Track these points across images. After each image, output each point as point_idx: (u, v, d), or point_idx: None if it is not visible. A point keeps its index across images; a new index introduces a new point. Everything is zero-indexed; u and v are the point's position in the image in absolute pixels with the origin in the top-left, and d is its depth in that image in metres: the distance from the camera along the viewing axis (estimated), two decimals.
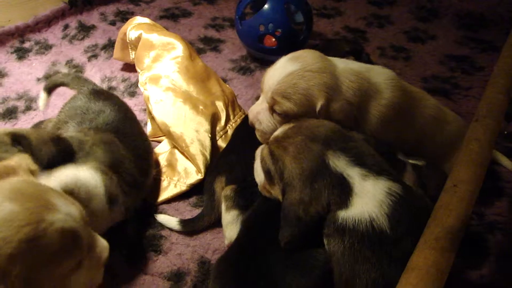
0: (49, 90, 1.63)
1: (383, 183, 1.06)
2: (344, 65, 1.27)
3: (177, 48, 1.82)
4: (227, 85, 1.88)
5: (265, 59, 2.10)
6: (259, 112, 1.29)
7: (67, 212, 0.91)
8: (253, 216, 1.24)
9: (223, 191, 1.37)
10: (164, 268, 1.32)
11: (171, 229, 1.41)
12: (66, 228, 0.88)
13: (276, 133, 1.17)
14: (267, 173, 1.15)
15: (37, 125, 1.61)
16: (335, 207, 1.05)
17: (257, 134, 1.32)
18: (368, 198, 1.04)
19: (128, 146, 1.38)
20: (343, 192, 1.05)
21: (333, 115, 1.21)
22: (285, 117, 1.23)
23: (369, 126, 1.28)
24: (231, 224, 1.32)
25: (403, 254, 0.99)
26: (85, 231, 0.94)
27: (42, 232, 0.85)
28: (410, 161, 1.27)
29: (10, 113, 1.81)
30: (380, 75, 1.30)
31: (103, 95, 1.50)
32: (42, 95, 1.62)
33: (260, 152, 1.20)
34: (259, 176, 1.21)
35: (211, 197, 1.41)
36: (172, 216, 1.44)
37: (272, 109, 1.25)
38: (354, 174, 1.06)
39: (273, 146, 1.13)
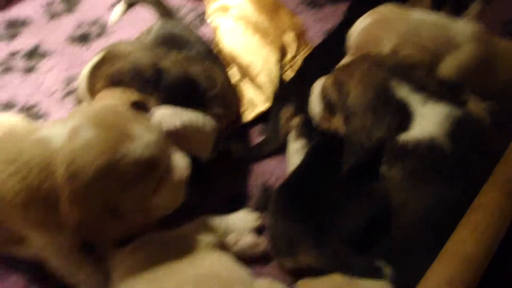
0: (130, 4, 1.71)
1: (443, 107, 1.07)
2: (420, 16, 1.27)
3: None
4: (298, 17, 1.85)
5: None
6: None
7: (144, 141, 0.93)
8: (315, 146, 1.27)
9: (293, 120, 1.38)
10: (226, 189, 1.37)
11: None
12: (141, 157, 0.92)
13: (342, 61, 1.18)
14: (327, 103, 1.16)
15: None
16: (396, 132, 1.06)
17: None
18: (428, 120, 1.06)
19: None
20: (404, 117, 1.07)
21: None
22: None
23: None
24: (297, 152, 1.34)
25: (463, 175, 1.02)
26: (163, 154, 0.97)
27: (118, 162, 0.90)
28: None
29: (84, 39, 1.87)
30: (460, 28, 1.27)
31: (185, 26, 1.55)
32: (120, 7, 1.71)
33: (320, 83, 1.21)
34: (315, 108, 1.22)
35: (276, 123, 1.43)
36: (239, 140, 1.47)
37: None
38: (415, 100, 1.07)
39: (338, 73, 1.14)
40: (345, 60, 1.18)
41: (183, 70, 1.24)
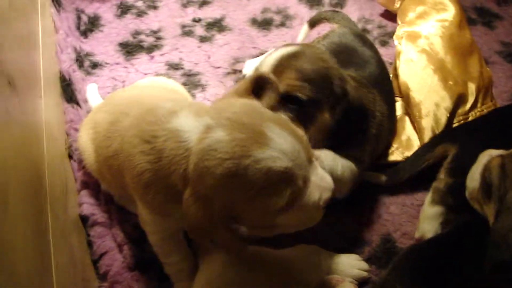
0: (313, 24, 1.68)
1: None
2: None
3: (449, 11, 1.65)
4: (488, 68, 1.65)
5: None
6: None
7: (280, 149, 0.82)
8: (461, 226, 1.12)
9: (434, 182, 1.24)
10: (346, 231, 1.28)
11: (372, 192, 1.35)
12: (274, 167, 0.81)
13: None
14: (486, 185, 1.01)
15: None
16: None
17: None
18: None
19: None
20: None
21: None
22: None
23: None
24: (430, 219, 1.20)
25: None
26: (302, 169, 0.85)
27: (245, 169, 0.80)
28: None
29: (265, 24, 1.89)
30: None
31: (367, 41, 1.46)
32: (305, 27, 1.69)
33: (486, 159, 1.06)
34: (473, 182, 1.08)
35: (420, 156, 1.33)
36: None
37: None
38: None
39: (508, 161, 0.98)
40: None
41: (361, 101, 1.17)
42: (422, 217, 1.23)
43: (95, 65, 1.68)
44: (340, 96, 1.11)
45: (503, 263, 0.92)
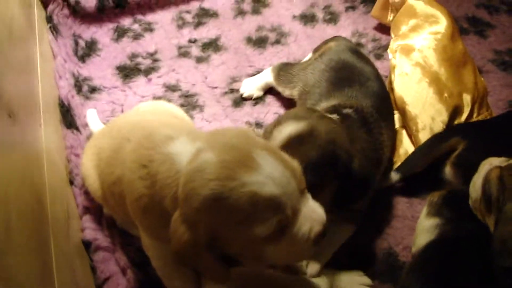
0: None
1: None
2: None
3: (441, 24, 1.67)
4: (482, 78, 1.67)
5: None
6: None
7: (269, 175, 0.80)
8: (463, 235, 1.12)
9: (429, 195, 1.25)
10: (348, 243, 1.27)
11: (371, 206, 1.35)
12: (260, 193, 0.78)
13: None
14: (486, 196, 1.03)
15: (285, 66, 1.64)
16: None
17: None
18: None
19: (377, 131, 1.29)
20: None
21: None
22: None
23: None
24: (426, 232, 1.20)
25: None
26: (291, 198, 0.82)
27: (229, 192, 0.78)
28: None
29: (260, 42, 1.91)
30: None
31: (364, 57, 1.48)
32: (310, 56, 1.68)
33: (486, 169, 1.08)
34: (475, 192, 1.10)
35: (435, 145, 1.36)
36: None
37: None
38: None
39: (506, 173, 1.00)
40: None
41: (366, 171, 1.16)
42: (419, 231, 1.23)
43: (93, 90, 1.70)
44: (344, 175, 1.10)
45: (509, 269, 0.94)
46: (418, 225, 1.25)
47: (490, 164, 1.11)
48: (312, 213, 0.87)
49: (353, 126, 1.20)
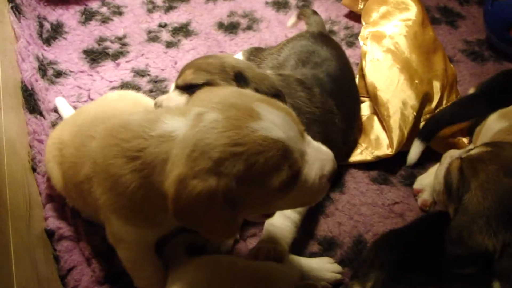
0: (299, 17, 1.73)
1: None
2: None
3: (411, 10, 1.67)
4: (452, 65, 1.68)
5: (505, 51, 1.82)
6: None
7: (272, 121, 0.83)
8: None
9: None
10: (319, 230, 1.27)
11: (342, 193, 1.36)
12: (270, 136, 0.81)
13: (472, 152, 1.05)
14: (448, 186, 1.05)
15: (256, 51, 1.62)
16: None
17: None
18: None
19: (339, 106, 1.32)
20: None
21: None
22: None
23: None
24: None
25: None
26: (297, 142, 0.85)
27: (245, 138, 0.80)
28: None
29: (232, 28, 1.88)
30: None
31: (331, 42, 1.47)
32: (293, 19, 1.74)
33: (448, 161, 1.11)
34: (438, 184, 1.13)
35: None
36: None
37: None
38: None
39: (465, 163, 1.02)
40: (476, 151, 1.03)
41: (268, 82, 1.18)
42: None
43: (59, 74, 1.64)
44: (238, 77, 1.13)
45: (458, 257, 0.96)
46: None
47: (451, 156, 1.14)
48: (318, 152, 0.89)
49: (290, 84, 1.25)
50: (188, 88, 1.15)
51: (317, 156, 0.89)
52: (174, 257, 1.08)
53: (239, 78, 1.13)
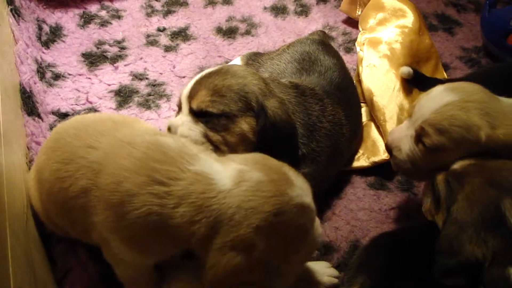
0: None
1: None
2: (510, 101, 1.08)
3: (408, 18, 1.69)
4: (445, 74, 1.70)
5: (502, 58, 1.83)
6: (401, 139, 1.14)
7: (301, 187, 0.88)
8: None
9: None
10: None
11: (339, 198, 1.36)
12: (302, 203, 0.86)
13: (455, 166, 1.05)
14: (436, 197, 1.07)
15: (255, 56, 1.63)
16: (505, 261, 0.91)
17: (392, 162, 1.18)
18: None
19: (347, 116, 1.34)
20: None
21: (499, 145, 1.03)
22: (432, 152, 1.07)
23: None
24: None
25: None
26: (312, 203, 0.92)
27: (286, 206, 0.83)
28: None
29: (230, 33, 1.89)
30: None
31: (331, 50, 1.48)
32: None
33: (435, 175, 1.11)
34: (427, 198, 1.12)
35: None
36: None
37: (418, 139, 1.09)
38: None
39: (451, 176, 1.04)
40: (460, 164, 1.03)
41: (285, 117, 1.14)
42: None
43: (57, 76, 1.64)
44: (258, 110, 1.11)
45: (449, 268, 0.95)
46: None
47: None
48: (316, 226, 0.97)
49: (304, 94, 1.25)
50: (202, 116, 1.11)
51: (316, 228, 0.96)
52: (171, 261, 1.08)
53: (260, 112, 1.10)
